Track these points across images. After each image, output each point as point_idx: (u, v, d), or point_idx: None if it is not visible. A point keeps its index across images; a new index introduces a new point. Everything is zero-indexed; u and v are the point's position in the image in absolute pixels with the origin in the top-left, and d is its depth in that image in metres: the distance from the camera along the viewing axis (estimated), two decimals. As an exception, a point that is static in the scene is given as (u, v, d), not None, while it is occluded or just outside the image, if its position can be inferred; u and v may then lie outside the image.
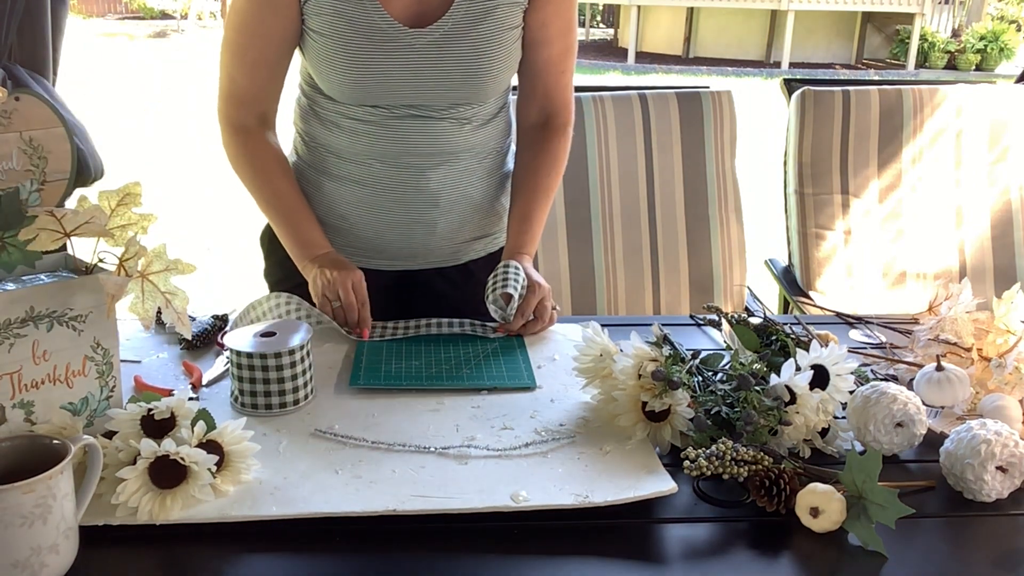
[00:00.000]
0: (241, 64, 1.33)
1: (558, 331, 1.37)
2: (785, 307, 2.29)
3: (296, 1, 1.27)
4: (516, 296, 1.30)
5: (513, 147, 1.49)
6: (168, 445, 0.88)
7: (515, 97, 1.48)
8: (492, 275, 1.31)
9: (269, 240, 1.52)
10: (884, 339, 1.40)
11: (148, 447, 0.87)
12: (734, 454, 0.95)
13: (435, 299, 1.45)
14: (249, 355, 1.07)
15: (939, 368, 1.11)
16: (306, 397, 1.11)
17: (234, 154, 1.37)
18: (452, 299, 1.45)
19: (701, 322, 1.46)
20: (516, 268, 1.31)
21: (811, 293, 2.23)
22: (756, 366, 1.06)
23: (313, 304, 1.30)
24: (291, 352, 1.08)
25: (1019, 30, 15.14)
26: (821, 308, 1.83)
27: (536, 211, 1.41)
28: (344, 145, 1.37)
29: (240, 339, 1.10)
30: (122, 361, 1.06)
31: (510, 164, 1.48)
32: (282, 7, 1.27)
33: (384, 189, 1.37)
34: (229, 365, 1.11)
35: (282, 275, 1.50)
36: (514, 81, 1.44)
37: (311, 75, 1.36)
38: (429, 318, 1.36)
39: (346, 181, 1.39)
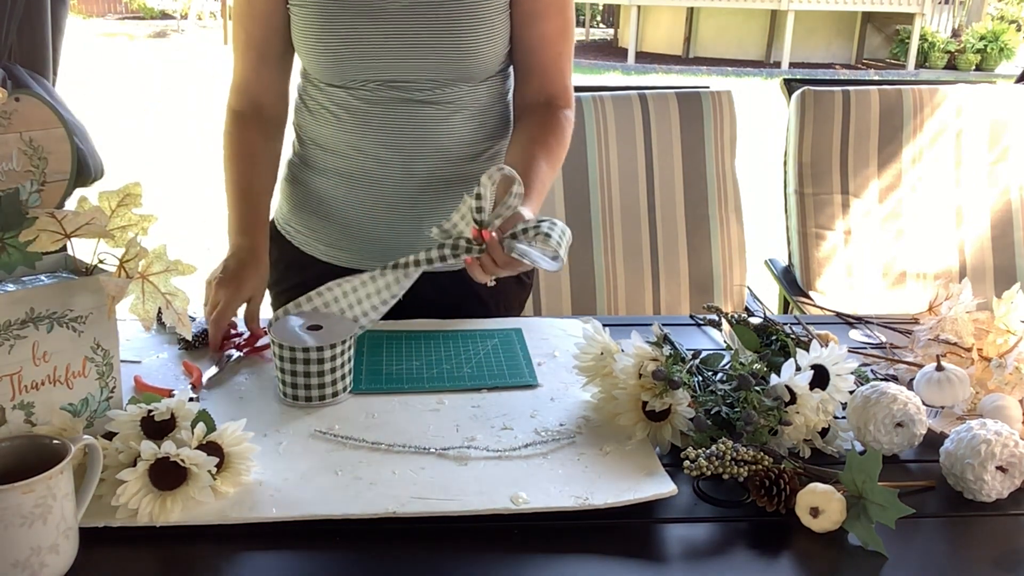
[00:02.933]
0: (236, 49, 1.37)
1: (558, 327, 1.37)
2: (785, 307, 2.29)
3: None
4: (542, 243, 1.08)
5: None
6: (168, 447, 0.88)
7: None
8: (536, 224, 1.09)
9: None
10: (884, 339, 1.40)
11: (148, 449, 0.87)
12: (734, 454, 0.95)
13: (425, 305, 1.43)
14: (292, 348, 1.09)
15: (939, 368, 1.11)
16: (345, 389, 1.13)
17: (224, 138, 1.38)
18: (442, 306, 1.43)
19: (701, 322, 1.46)
20: (564, 229, 1.09)
21: (811, 293, 2.23)
22: (756, 366, 1.06)
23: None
24: (332, 346, 1.10)
25: (1019, 30, 15.14)
26: (821, 308, 1.83)
27: (542, 175, 1.27)
28: (328, 134, 1.35)
29: (286, 332, 1.13)
30: (122, 361, 1.06)
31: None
32: None
33: (369, 183, 1.35)
34: (273, 357, 1.13)
35: (277, 276, 1.49)
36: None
37: (303, 64, 1.36)
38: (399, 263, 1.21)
39: (332, 175, 1.38)
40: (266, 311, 1.41)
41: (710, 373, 1.10)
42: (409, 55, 1.27)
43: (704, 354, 1.14)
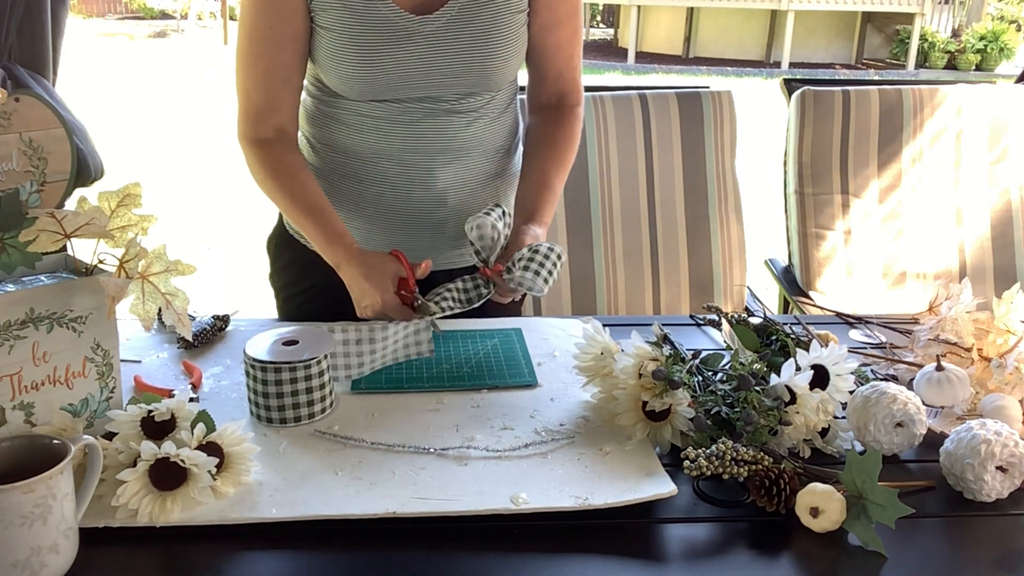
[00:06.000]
0: (254, 75, 1.30)
1: (558, 327, 1.37)
2: (785, 307, 2.29)
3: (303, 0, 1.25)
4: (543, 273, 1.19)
5: (521, 147, 1.48)
6: (168, 447, 0.88)
7: (523, 90, 1.46)
8: (532, 252, 1.19)
9: (276, 245, 1.52)
10: (884, 339, 1.40)
11: (148, 449, 0.87)
12: (734, 454, 0.95)
13: None
14: (263, 365, 1.04)
15: (939, 368, 1.11)
16: (323, 410, 1.08)
17: (255, 166, 1.32)
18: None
19: (701, 322, 1.46)
20: (559, 255, 1.21)
21: (811, 293, 2.23)
22: (756, 366, 1.06)
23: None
24: (307, 365, 1.05)
25: (1019, 30, 15.14)
26: (821, 308, 1.82)
27: (555, 179, 1.36)
28: (351, 144, 1.36)
29: (259, 345, 1.07)
30: (122, 361, 1.06)
31: (518, 164, 1.47)
32: (288, 9, 1.25)
33: (392, 188, 1.36)
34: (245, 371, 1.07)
35: (288, 280, 1.50)
36: (521, 79, 1.44)
37: (318, 75, 1.35)
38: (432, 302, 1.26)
39: (354, 181, 1.38)
40: (269, 308, 1.41)
41: (710, 373, 1.10)
42: (440, 73, 1.29)
43: (704, 354, 1.14)
